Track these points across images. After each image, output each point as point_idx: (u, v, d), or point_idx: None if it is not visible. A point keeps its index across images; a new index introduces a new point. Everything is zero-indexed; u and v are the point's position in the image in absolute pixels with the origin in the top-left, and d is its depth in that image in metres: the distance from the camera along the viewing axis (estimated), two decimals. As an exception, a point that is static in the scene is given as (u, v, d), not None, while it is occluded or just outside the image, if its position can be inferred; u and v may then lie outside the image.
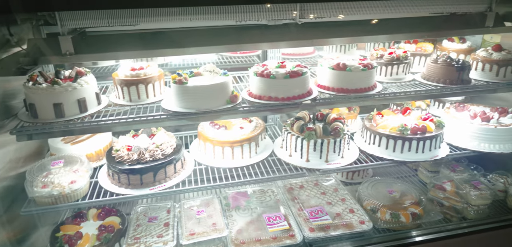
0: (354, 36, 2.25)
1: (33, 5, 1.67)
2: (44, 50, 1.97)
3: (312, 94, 2.15)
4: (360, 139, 2.47)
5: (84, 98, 1.99)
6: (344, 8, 2.11)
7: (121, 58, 2.24)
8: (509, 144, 2.29)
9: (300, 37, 2.16)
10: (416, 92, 2.25)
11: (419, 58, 2.74)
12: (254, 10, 2.03)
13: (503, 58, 2.38)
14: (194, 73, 2.18)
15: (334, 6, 2.09)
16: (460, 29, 2.47)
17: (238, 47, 2.22)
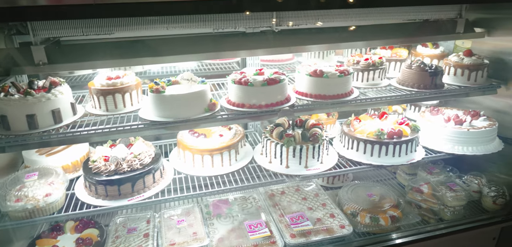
0: (331, 43, 2.29)
1: (4, 16, 1.63)
2: (16, 60, 1.93)
3: (290, 101, 2.17)
4: (339, 144, 2.50)
5: (58, 109, 1.95)
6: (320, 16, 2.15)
7: (96, 68, 2.21)
8: (481, 146, 2.36)
9: (278, 45, 2.18)
10: (391, 97, 2.30)
11: (395, 63, 2.80)
12: (231, 19, 2.04)
13: (474, 63, 2.46)
14: (172, 81, 2.17)
15: (310, 14, 2.13)
16: (433, 35, 2.56)
17: (216, 55, 2.23)
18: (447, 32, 2.53)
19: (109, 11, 1.71)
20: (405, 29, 2.44)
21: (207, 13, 1.92)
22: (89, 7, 1.66)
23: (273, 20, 2.14)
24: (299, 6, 1.99)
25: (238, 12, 1.97)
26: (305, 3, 1.96)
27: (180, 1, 1.77)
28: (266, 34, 2.20)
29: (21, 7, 1.61)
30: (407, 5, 2.24)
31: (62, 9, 1.65)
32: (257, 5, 1.92)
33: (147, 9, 1.75)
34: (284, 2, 1.93)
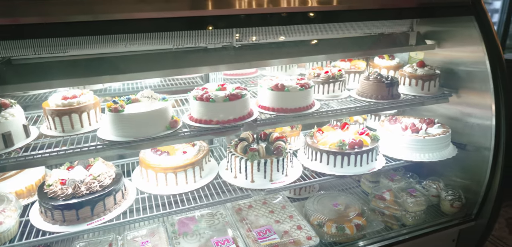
0: (291, 57, 2.34)
1: None
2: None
3: (253, 115, 2.19)
4: (303, 156, 2.54)
5: (9, 132, 1.85)
6: (280, 31, 2.19)
7: (51, 88, 2.13)
8: (437, 152, 2.48)
9: (240, 60, 2.20)
10: (351, 109, 2.38)
11: (354, 75, 2.91)
12: (192, 35, 2.04)
13: (426, 73, 2.60)
14: (132, 99, 2.13)
15: (270, 30, 2.17)
16: (388, 48, 2.68)
17: (177, 71, 2.21)
18: (401, 44, 2.66)
19: (63, 31, 1.66)
20: (362, 42, 2.55)
21: (166, 31, 1.90)
22: (41, 26, 1.61)
23: (236, 35, 2.16)
24: (259, 23, 2.03)
25: (198, 30, 1.97)
26: (265, 20, 2.00)
27: (138, 19, 1.75)
28: (227, 49, 2.21)
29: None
30: (363, 20, 2.34)
31: (12, 29, 1.58)
32: (217, 22, 1.92)
33: (103, 27, 1.71)
34: (245, 19, 1.97)
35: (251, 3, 2.02)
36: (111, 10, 1.73)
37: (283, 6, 2.09)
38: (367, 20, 2.36)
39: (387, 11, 2.32)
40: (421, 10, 2.38)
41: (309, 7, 2.11)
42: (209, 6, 1.92)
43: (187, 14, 1.87)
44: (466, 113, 2.64)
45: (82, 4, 1.73)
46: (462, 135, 2.66)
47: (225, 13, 1.94)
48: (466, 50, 2.60)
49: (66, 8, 1.67)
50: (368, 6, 2.24)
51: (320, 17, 2.14)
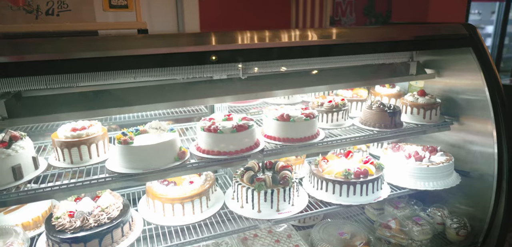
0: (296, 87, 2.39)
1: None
2: (-27, 116, 1.85)
3: (259, 145, 2.22)
4: (308, 184, 2.55)
5: (19, 165, 1.87)
6: (284, 63, 2.25)
7: (61, 120, 2.16)
8: (441, 181, 2.50)
9: (245, 91, 2.25)
10: (355, 138, 2.41)
11: (356, 103, 2.96)
12: (199, 69, 2.09)
13: (427, 102, 2.65)
14: (140, 130, 2.15)
15: (274, 63, 2.23)
16: (389, 78, 2.75)
17: (184, 103, 2.25)
18: (402, 74, 2.73)
19: (77, 67, 1.70)
20: (364, 71, 2.61)
21: (173, 66, 1.95)
22: (55, 63, 1.65)
23: (242, 67, 2.21)
24: (264, 57, 2.09)
25: (205, 64, 2.02)
26: (270, 54, 2.06)
27: (149, 55, 1.80)
28: (234, 80, 2.26)
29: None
30: (363, 53, 2.40)
31: (28, 65, 1.63)
32: (224, 56, 1.98)
33: (111, 63, 1.75)
34: (251, 54, 2.03)
35: (256, 38, 2.07)
36: (119, 46, 1.79)
37: (287, 40, 2.15)
38: (368, 53, 2.43)
39: (387, 44, 2.38)
40: (419, 43, 2.45)
41: (311, 42, 2.17)
42: (216, 41, 1.98)
43: (195, 50, 1.92)
44: (468, 141, 2.68)
45: (91, 40, 1.79)
46: (465, 162, 2.68)
47: (232, 47, 2.00)
48: (465, 79, 2.67)
49: (75, 45, 1.72)
50: (368, 39, 2.32)
51: (324, 50, 2.20)
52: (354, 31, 2.34)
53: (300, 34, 2.18)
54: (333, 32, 2.26)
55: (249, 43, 2.05)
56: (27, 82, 1.80)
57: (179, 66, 1.96)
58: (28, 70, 1.67)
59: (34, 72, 1.70)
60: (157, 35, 1.92)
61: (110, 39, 1.84)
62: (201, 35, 2.02)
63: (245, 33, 2.05)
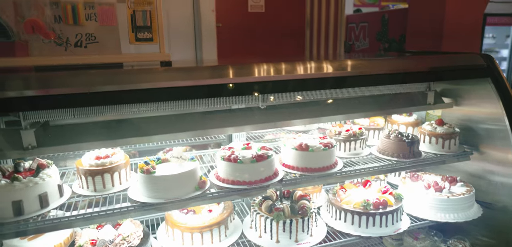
0: (314, 117, 2.41)
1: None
2: (4, 144, 1.92)
3: (278, 175, 2.23)
4: (326, 214, 2.54)
5: (45, 193, 1.92)
6: (303, 95, 2.28)
7: (87, 149, 2.22)
8: (462, 213, 2.46)
9: (264, 120, 2.28)
10: (374, 168, 2.41)
11: (373, 132, 2.96)
12: (217, 102, 2.13)
13: (446, 132, 2.64)
14: (161, 159, 2.20)
15: (292, 95, 2.26)
16: (406, 107, 2.74)
17: (204, 132, 2.29)
18: (419, 103, 2.72)
19: (103, 99, 1.77)
20: (381, 100, 2.62)
21: (196, 98, 2.00)
22: (82, 96, 1.72)
23: (257, 96, 2.24)
24: (284, 89, 2.13)
25: (225, 97, 2.06)
26: (289, 86, 2.11)
27: (171, 87, 1.86)
28: (253, 110, 2.30)
29: (16, 99, 1.65)
30: (381, 85, 2.42)
31: (57, 99, 1.70)
32: (244, 89, 2.02)
33: (139, 96, 1.81)
34: (268, 85, 2.07)
35: (272, 71, 2.11)
36: (143, 80, 1.85)
37: (302, 73, 2.17)
38: (384, 84, 2.44)
39: (403, 75, 2.40)
40: (436, 74, 2.47)
41: (327, 74, 2.20)
42: (234, 74, 2.02)
43: (214, 83, 1.98)
44: (488, 171, 2.64)
45: (116, 74, 1.86)
46: (486, 193, 2.64)
47: (250, 80, 2.05)
48: (484, 108, 2.66)
49: (101, 79, 1.79)
50: (384, 71, 2.34)
51: (340, 82, 2.24)
52: (370, 63, 2.37)
53: (315, 66, 2.21)
54: (348, 64, 2.29)
55: (266, 76, 2.10)
56: (56, 113, 1.87)
57: (199, 98, 2.01)
58: (57, 104, 1.74)
59: (63, 105, 1.77)
60: (178, 69, 1.97)
61: (134, 72, 1.91)
62: (221, 68, 2.07)
63: (262, 66, 2.10)
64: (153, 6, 2.02)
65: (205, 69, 2.02)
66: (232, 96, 2.07)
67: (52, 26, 1.93)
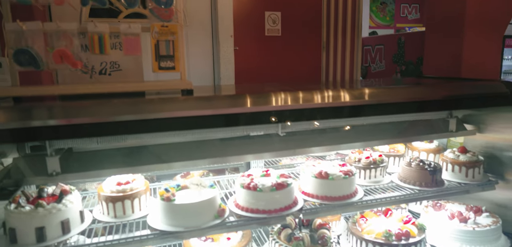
0: (333, 144, 2.40)
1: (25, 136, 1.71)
2: (29, 170, 1.97)
3: (297, 204, 2.21)
4: (346, 243, 2.48)
5: (67, 219, 1.94)
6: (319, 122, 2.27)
7: (109, 175, 2.24)
8: (488, 245, 2.37)
9: (282, 148, 2.27)
10: (396, 198, 2.36)
11: (394, 158, 2.91)
12: (236, 130, 2.14)
13: (469, 160, 2.57)
14: (181, 186, 2.20)
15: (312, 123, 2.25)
16: (427, 134, 2.69)
17: (223, 160, 2.29)
18: (440, 130, 2.67)
19: (126, 128, 1.80)
20: (401, 127, 2.59)
21: (216, 127, 2.01)
22: (109, 125, 1.76)
23: (281, 127, 2.24)
24: (303, 117, 2.13)
25: (244, 126, 2.07)
26: (309, 114, 2.11)
27: (195, 116, 1.88)
28: (272, 137, 2.30)
29: (44, 128, 1.69)
30: (399, 113, 2.39)
31: (84, 128, 1.74)
32: (263, 118, 2.03)
33: (164, 125, 1.85)
34: (289, 114, 2.08)
35: (290, 100, 2.12)
36: (163, 109, 1.88)
37: (320, 102, 2.17)
38: (403, 113, 2.41)
39: (423, 103, 2.37)
40: (458, 102, 2.43)
41: (347, 103, 2.20)
42: (251, 104, 2.04)
43: (235, 111, 2.00)
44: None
45: (138, 103, 1.89)
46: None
47: (268, 109, 2.05)
48: (508, 135, 2.59)
49: (125, 108, 1.83)
50: (403, 99, 2.32)
51: (358, 111, 2.23)
52: (389, 91, 2.35)
53: (334, 95, 2.20)
54: (367, 92, 2.28)
55: (285, 105, 2.10)
56: (80, 141, 1.91)
57: (220, 127, 2.03)
58: (83, 132, 1.78)
59: (88, 134, 1.81)
60: (200, 98, 1.99)
61: (156, 101, 1.95)
62: (240, 97, 2.08)
63: (281, 95, 2.11)
64: (176, 36, 2.06)
65: (225, 98, 2.05)
66: (252, 125, 2.08)
67: (79, 55, 1.99)
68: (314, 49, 4.91)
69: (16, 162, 1.99)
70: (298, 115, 2.14)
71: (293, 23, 4.54)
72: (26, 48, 1.86)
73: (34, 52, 1.88)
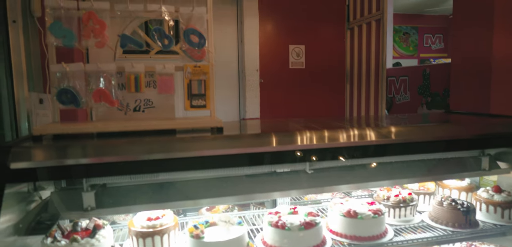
0: (361, 182, 2.36)
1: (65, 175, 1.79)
2: (65, 205, 2.04)
3: (326, 243, 2.18)
4: (375, 285, 2.41)
5: (99, 254, 1.99)
6: (350, 161, 2.26)
7: (140, 211, 2.29)
8: (528, 292, 2.25)
9: (310, 185, 2.26)
10: (428, 239, 2.29)
11: (423, 196, 2.83)
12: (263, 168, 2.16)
13: (505, 200, 2.48)
14: (210, 223, 2.22)
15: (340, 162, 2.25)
16: (459, 173, 2.62)
17: (250, 197, 2.31)
18: (473, 169, 2.59)
19: (161, 167, 1.86)
20: (431, 164, 2.53)
21: (247, 166, 2.04)
22: (144, 163, 1.82)
23: (309, 164, 2.25)
24: (333, 156, 2.12)
25: (273, 164, 2.09)
26: (338, 153, 2.10)
27: (226, 155, 1.92)
28: (299, 173, 2.30)
29: (81, 166, 1.77)
30: (429, 152, 2.35)
31: (120, 166, 1.81)
32: (291, 157, 2.05)
33: (195, 163, 1.89)
34: (317, 153, 2.08)
35: (315, 139, 2.12)
36: (194, 148, 1.93)
37: (345, 141, 2.17)
38: (433, 152, 2.37)
39: (453, 142, 2.33)
40: (489, 141, 2.37)
41: (374, 142, 2.18)
42: (277, 142, 2.06)
43: (265, 150, 2.02)
44: (556, 246, 2.42)
45: (171, 142, 1.95)
46: (555, 271, 2.41)
47: (300, 148, 2.07)
48: (546, 173, 2.49)
49: (157, 147, 1.89)
50: (432, 138, 2.28)
51: (385, 150, 2.21)
52: (417, 130, 2.32)
53: (359, 134, 2.20)
54: (394, 130, 2.26)
55: (312, 144, 2.11)
56: (115, 178, 1.98)
57: (250, 166, 2.06)
58: (119, 170, 1.85)
59: (123, 172, 1.88)
60: (228, 137, 2.05)
61: (187, 140, 1.99)
62: (267, 136, 2.11)
63: (306, 134, 2.13)
64: (208, 76, 2.13)
65: (254, 137, 2.07)
66: (281, 163, 2.10)
67: (116, 93, 2.08)
68: (338, 81, 4.94)
69: (53, 196, 2.07)
70: (325, 154, 2.15)
71: (317, 56, 4.60)
72: (68, 88, 1.97)
73: (75, 91, 1.98)
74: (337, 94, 4.94)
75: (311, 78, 4.60)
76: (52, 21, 1.92)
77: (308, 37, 4.51)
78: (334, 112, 4.75)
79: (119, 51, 2.36)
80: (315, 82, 4.64)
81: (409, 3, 9.14)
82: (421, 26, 9.97)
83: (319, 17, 4.53)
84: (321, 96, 4.77)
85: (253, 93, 3.83)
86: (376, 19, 4.35)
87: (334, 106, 4.90)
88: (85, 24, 1.95)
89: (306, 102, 4.63)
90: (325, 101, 4.84)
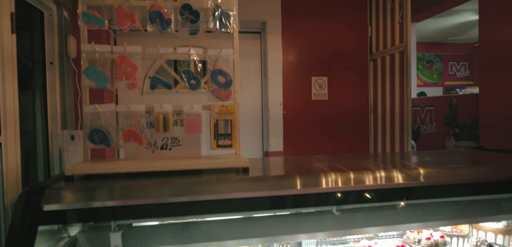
0: (391, 225, 2.29)
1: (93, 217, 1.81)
2: (93, 244, 2.06)
3: (355, 290, 2.10)
4: None
5: (125, 295, 1.98)
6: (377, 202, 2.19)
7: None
8: None
9: (337, 227, 2.20)
10: (463, 289, 2.16)
11: (457, 239, 2.70)
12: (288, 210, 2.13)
13: (547, 247, 2.33)
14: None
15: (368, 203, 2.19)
16: (494, 215, 2.49)
17: (276, 239, 2.26)
18: (509, 210, 2.47)
19: (187, 209, 1.87)
20: (463, 204, 2.42)
21: (274, 208, 2.02)
22: (171, 205, 1.83)
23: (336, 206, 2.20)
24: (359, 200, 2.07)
25: (300, 208, 2.06)
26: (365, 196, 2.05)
27: (252, 198, 1.91)
28: (325, 214, 2.25)
29: (109, 208, 1.79)
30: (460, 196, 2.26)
31: (148, 208, 1.82)
32: (317, 200, 2.01)
33: (220, 206, 1.89)
34: (346, 196, 2.04)
35: (340, 181, 2.08)
36: (219, 190, 1.92)
37: (372, 183, 2.11)
38: (465, 195, 2.27)
39: (492, 184, 2.23)
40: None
41: (406, 184, 2.12)
42: (301, 185, 2.03)
43: (288, 193, 2.00)
44: None
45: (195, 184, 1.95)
46: None
47: (327, 191, 2.03)
48: None
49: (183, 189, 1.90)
50: (464, 180, 2.19)
51: (420, 193, 2.14)
52: (448, 172, 2.24)
53: (385, 176, 2.14)
54: (422, 173, 2.19)
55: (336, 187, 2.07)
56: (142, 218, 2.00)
57: (275, 208, 2.03)
58: (146, 213, 1.86)
59: (150, 214, 1.89)
60: (252, 178, 2.04)
61: (213, 182, 1.99)
62: (291, 178, 2.08)
63: (329, 175, 2.09)
64: (234, 115, 2.15)
65: (280, 179, 2.05)
66: (308, 207, 2.06)
67: (145, 133, 2.12)
68: (361, 113, 4.89)
69: (80, 237, 2.09)
70: (351, 197, 2.09)
71: (339, 88, 4.59)
72: (100, 128, 2.03)
73: (106, 131, 2.04)
74: (361, 126, 4.87)
75: (334, 110, 4.58)
76: (87, 64, 2.00)
77: (330, 68, 4.51)
78: (358, 144, 4.67)
79: (146, 87, 2.42)
80: (338, 114, 4.60)
81: (432, 32, 9.03)
82: (445, 54, 9.79)
83: (341, 49, 4.53)
84: (344, 128, 4.72)
85: (277, 126, 3.83)
86: (399, 51, 4.30)
87: (357, 138, 4.83)
88: (118, 67, 2.02)
89: (330, 134, 4.59)
90: (349, 133, 4.78)
